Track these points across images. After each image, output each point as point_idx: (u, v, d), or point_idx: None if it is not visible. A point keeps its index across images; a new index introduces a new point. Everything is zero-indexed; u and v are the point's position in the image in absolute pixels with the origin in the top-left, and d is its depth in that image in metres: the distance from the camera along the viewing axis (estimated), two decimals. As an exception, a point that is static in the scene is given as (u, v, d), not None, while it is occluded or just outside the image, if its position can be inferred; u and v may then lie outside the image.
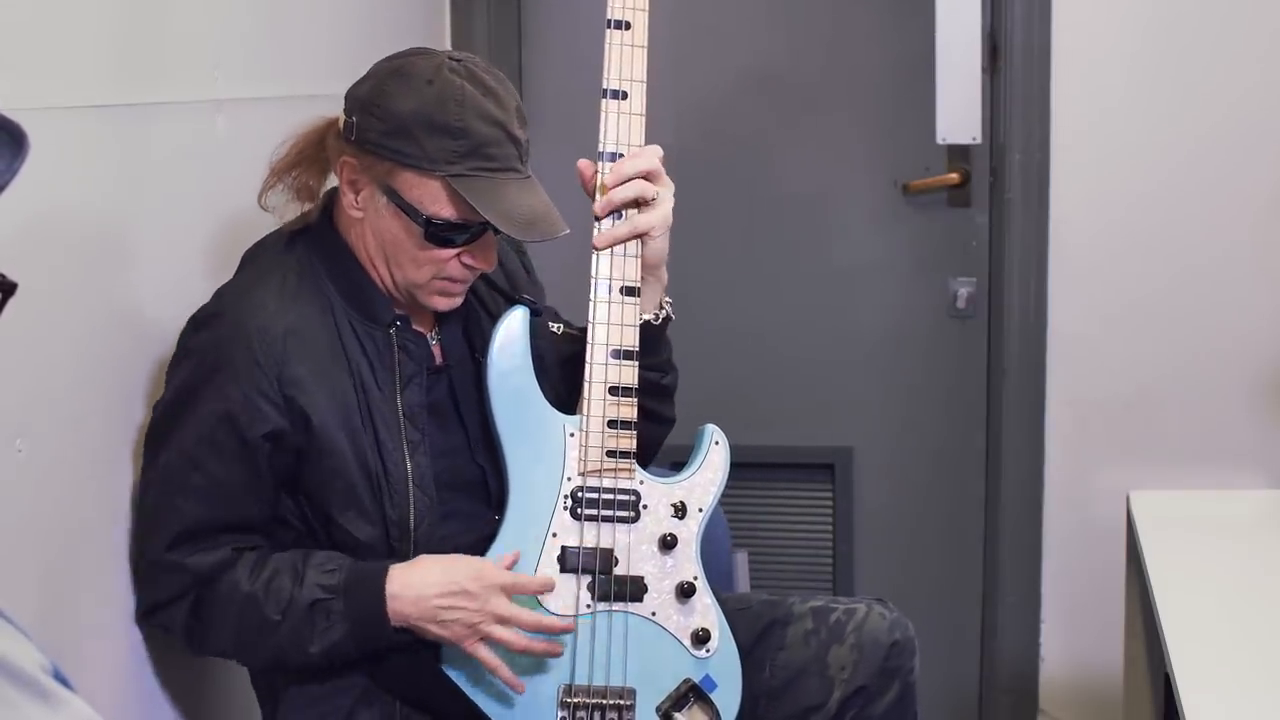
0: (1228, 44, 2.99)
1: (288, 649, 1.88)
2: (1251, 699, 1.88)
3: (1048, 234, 3.10)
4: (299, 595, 1.86)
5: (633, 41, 1.98)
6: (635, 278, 1.98)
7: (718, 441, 2.06)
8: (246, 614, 1.87)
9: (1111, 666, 2.89)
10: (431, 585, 1.86)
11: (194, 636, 1.92)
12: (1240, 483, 2.96)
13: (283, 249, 1.97)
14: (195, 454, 1.86)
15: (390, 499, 1.92)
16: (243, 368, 1.85)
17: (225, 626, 1.89)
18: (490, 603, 1.86)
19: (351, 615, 1.86)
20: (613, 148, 1.97)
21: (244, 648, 1.92)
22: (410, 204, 1.87)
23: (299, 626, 1.86)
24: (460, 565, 1.89)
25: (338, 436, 1.89)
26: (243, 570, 1.88)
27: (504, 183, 1.87)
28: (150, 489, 1.90)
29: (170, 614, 1.91)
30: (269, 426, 1.86)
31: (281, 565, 1.89)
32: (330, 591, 1.86)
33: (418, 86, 1.85)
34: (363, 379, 1.92)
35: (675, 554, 1.99)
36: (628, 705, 1.96)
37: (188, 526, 1.87)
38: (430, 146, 1.84)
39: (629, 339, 1.98)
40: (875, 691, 2.08)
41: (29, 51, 1.65)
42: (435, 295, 1.95)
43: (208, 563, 1.88)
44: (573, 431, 1.97)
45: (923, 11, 3.10)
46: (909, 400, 3.30)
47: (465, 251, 1.91)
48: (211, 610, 1.88)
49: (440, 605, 1.86)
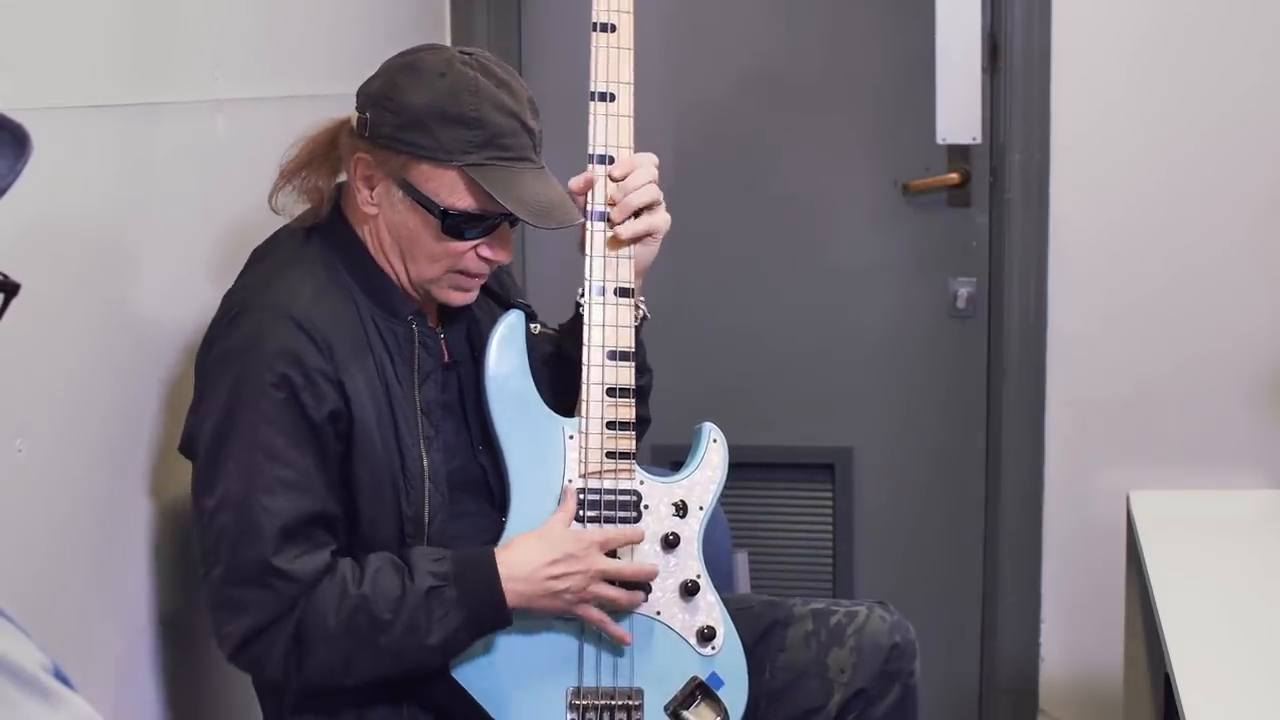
0: (1228, 44, 2.99)
1: (402, 648, 1.84)
2: (1251, 699, 1.88)
3: (1048, 234, 3.10)
4: (411, 588, 1.83)
5: (618, 44, 1.99)
6: (629, 279, 1.99)
7: (716, 439, 2.06)
8: (356, 618, 1.82)
9: (1111, 666, 2.89)
10: (538, 557, 1.88)
11: (296, 659, 1.83)
12: (1240, 483, 2.96)
13: (300, 244, 1.96)
14: (269, 446, 1.81)
15: (407, 495, 1.91)
16: (298, 349, 1.83)
17: (332, 639, 1.82)
18: (596, 561, 1.90)
19: (467, 602, 1.85)
20: (602, 150, 1.99)
21: (354, 657, 1.84)
22: (427, 196, 1.87)
23: (415, 620, 1.83)
24: (555, 533, 1.91)
25: (372, 428, 1.88)
26: (343, 574, 1.83)
27: (520, 172, 1.87)
28: (230, 501, 1.81)
29: (272, 637, 1.82)
30: (331, 406, 1.84)
31: (382, 564, 1.85)
32: (442, 579, 1.85)
33: (430, 80, 1.86)
34: (385, 373, 1.91)
35: (678, 553, 1.99)
36: (636, 705, 1.97)
37: (286, 522, 1.81)
38: (445, 137, 1.84)
39: (625, 340, 1.98)
40: (875, 694, 2.08)
41: (29, 51, 1.65)
42: (450, 290, 1.95)
43: (311, 568, 1.81)
44: (572, 434, 1.97)
45: (923, 11, 3.10)
46: (909, 400, 3.29)
47: (482, 244, 1.91)
48: (316, 625, 1.81)
49: (552, 574, 1.88)
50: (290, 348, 1.83)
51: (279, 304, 1.86)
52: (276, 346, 1.83)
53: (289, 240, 1.98)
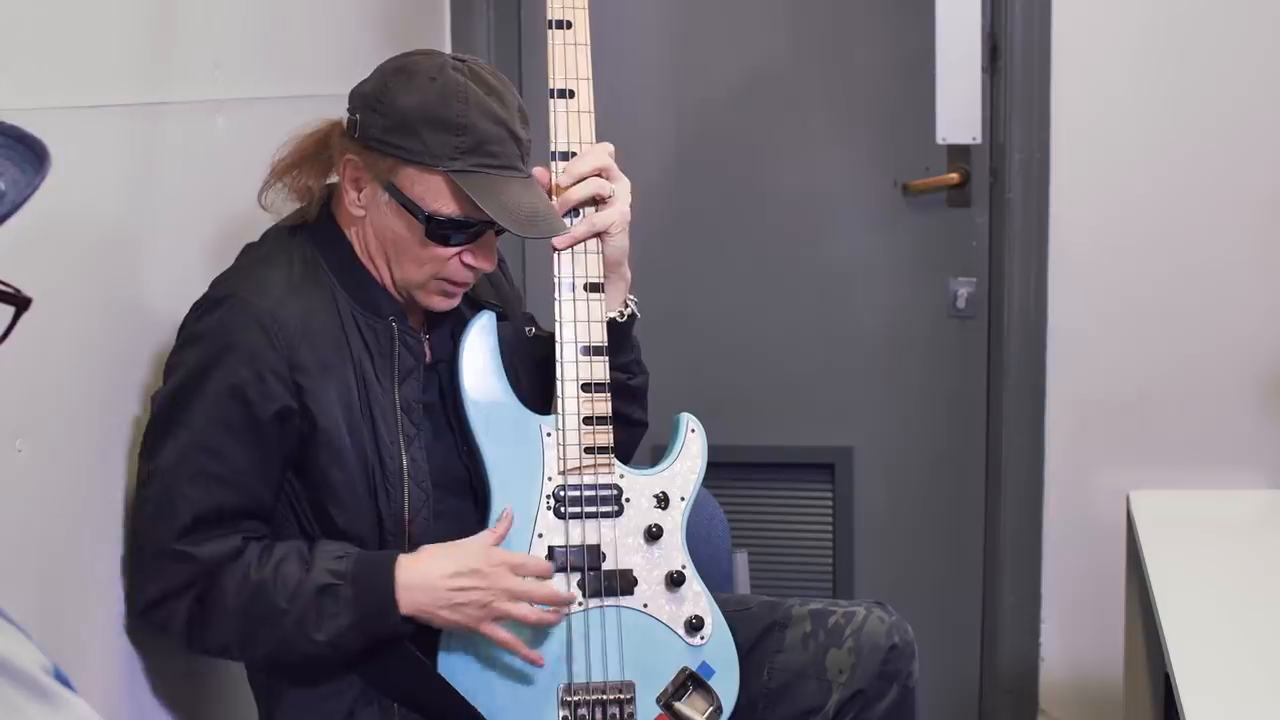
0: (1228, 44, 2.99)
1: (293, 637, 1.86)
2: (1251, 699, 1.89)
3: (1048, 234, 3.10)
4: (307, 581, 1.84)
5: (575, 40, 2.01)
6: (598, 274, 2.00)
7: (694, 429, 2.07)
8: (254, 602, 1.85)
9: (1111, 666, 2.89)
10: (441, 569, 1.87)
11: (195, 631, 1.88)
12: (1240, 483, 2.96)
13: (285, 240, 1.97)
14: (206, 437, 1.84)
15: (386, 493, 1.92)
16: (254, 347, 1.85)
17: (231, 616, 1.86)
18: (502, 580, 1.88)
19: (360, 602, 1.85)
20: (564, 147, 2.00)
21: (248, 639, 1.88)
22: (412, 201, 1.87)
23: (306, 613, 1.84)
24: (467, 546, 1.90)
25: (340, 426, 1.89)
26: (250, 558, 1.86)
27: (506, 180, 1.87)
28: (156, 477, 1.87)
29: (173, 607, 1.87)
30: (279, 405, 1.85)
31: (289, 552, 1.87)
32: (339, 577, 1.85)
33: (421, 84, 1.86)
34: (363, 371, 1.92)
35: (662, 544, 2.00)
36: (628, 699, 1.97)
37: (199, 513, 1.84)
38: (433, 142, 1.84)
39: (597, 335, 1.99)
40: (873, 695, 2.08)
41: (30, 52, 1.65)
42: (435, 295, 1.95)
43: (217, 552, 1.85)
44: (549, 431, 1.98)
45: (923, 11, 3.10)
46: (909, 400, 3.29)
47: (466, 251, 1.91)
48: (217, 600, 1.85)
49: (453, 587, 1.86)
50: (247, 345, 1.85)
51: (247, 299, 1.87)
52: (234, 340, 1.85)
53: (273, 237, 1.99)
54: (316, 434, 1.88)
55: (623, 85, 2.02)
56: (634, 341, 2.11)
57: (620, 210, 2.01)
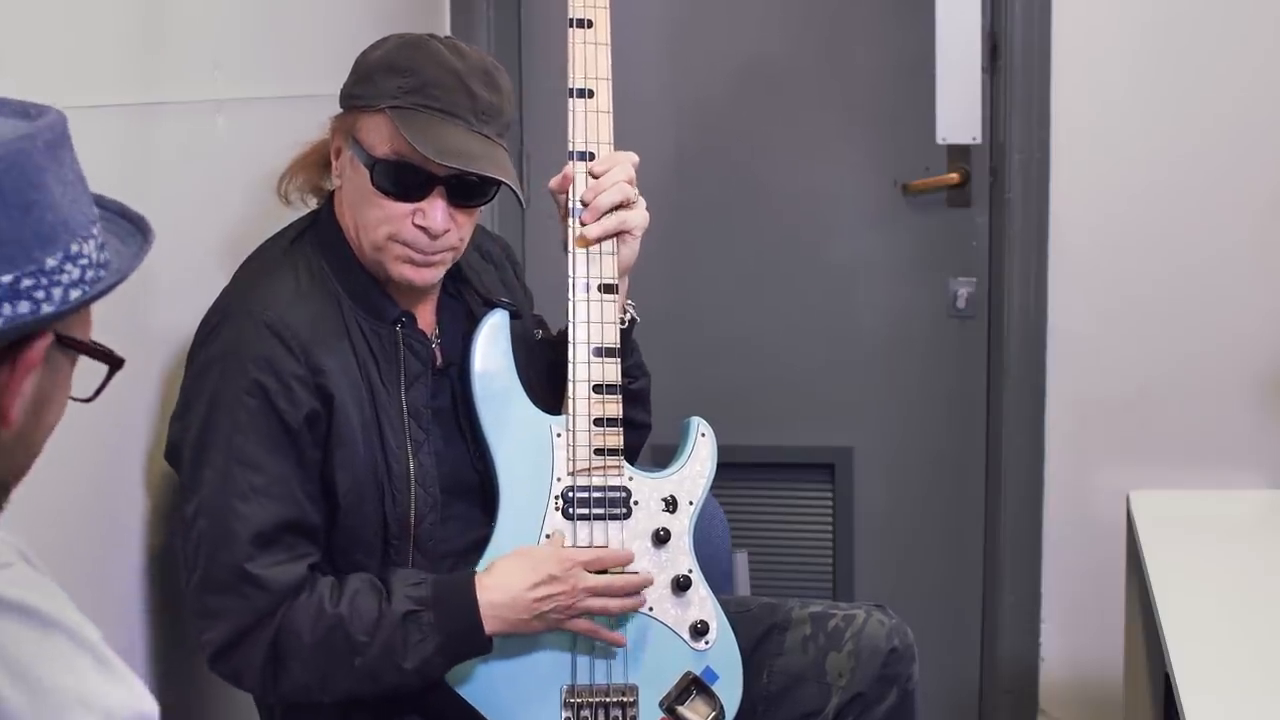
0: (1228, 44, 2.99)
1: (379, 670, 1.83)
2: (1251, 699, 1.89)
3: (1048, 234, 3.10)
4: (388, 611, 1.83)
5: (595, 39, 1.99)
6: (613, 275, 1.99)
7: (704, 433, 2.06)
8: (333, 637, 1.81)
9: (1111, 666, 2.89)
10: (520, 581, 1.87)
11: (269, 674, 1.83)
12: (1240, 483, 2.96)
13: (288, 246, 1.97)
14: (244, 453, 1.82)
15: (392, 497, 1.91)
16: (273, 355, 1.83)
17: (309, 656, 1.82)
18: (580, 580, 1.89)
19: (444, 627, 1.84)
20: (582, 146, 1.99)
21: (329, 677, 1.84)
22: (363, 149, 1.89)
23: (391, 643, 1.82)
24: (538, 554, 1.90)
25: (354, 432, 1.88)
26: (322, 592, 1.83)
27: (446, 122, 1.85)
28: (206, 507, 1.82)
29: (249, 648, 1.82)
30: (308, 409, 1.84)
31: (361, 586, 1.85)
32: (420, 603, 1.84)
33: (391, 42, 1.93)
34: (369, 376, 1.91)
35: (669, 548, 1.99)
36: (630, 702, 1.97)
37: (258, 529, 1.81)
38: (381, 85, 1.88)
39: (610, 336, 1.98)
40: (873, 698, 2.08)
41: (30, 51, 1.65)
42: (401, 264, 1.91)
43: (287, 579, 1.81)
44: (559, 432, 1.97)
45: (923, 11, 3.10)
46: (909, 400, 3.29)
47: (416, 210, 1.88)
48: (293, 641, 1.81)
49: (536, 597, 1.87)
50: (265, 354, 1.83)
51: (255, 311, 1.86)
52: (251, 354, 1.84)
53: (272, 248, 1.99)
54: (334, 437, 1.87)
55: (622, 85, 2.01)
56: (634, 344, 2.10)
57: (642, 215, 2.01)
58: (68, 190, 1.05)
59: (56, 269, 1.03)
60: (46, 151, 1.03)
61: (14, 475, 1.11)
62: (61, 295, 1.03)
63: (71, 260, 1.04)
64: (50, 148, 1.04)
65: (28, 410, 1.07)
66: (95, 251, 1.08)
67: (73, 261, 1.04)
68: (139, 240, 1.16)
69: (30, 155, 1.01)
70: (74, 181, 1.07)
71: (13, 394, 1.04)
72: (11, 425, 1.05)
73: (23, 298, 1.00)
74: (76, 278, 1.04)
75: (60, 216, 1.03)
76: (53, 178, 1.03)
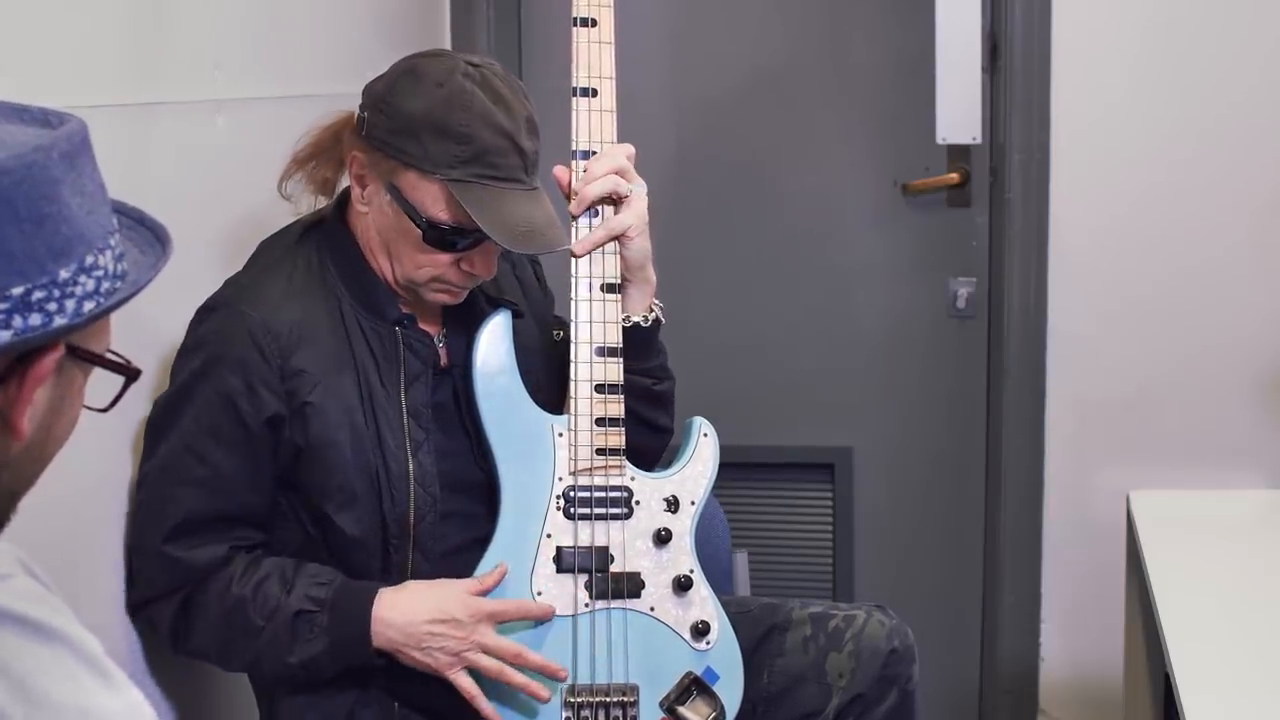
0: (1228, 44, 2.99)
1: (267, 657, 1.88)
2: (1251, 699, 1.89)
3: (1048, 234, 3.10)
4: (285, 604, 1.86)
5: (599, 38, 1.99)
6: (615, 274, 1.99)
7: (706, 433, 2.06)
8: (233, 616, 1.87)
9: (1111, 666, 2.89)
10: (422, 611, 1.88)
11: (178, 635, 1.91)
12: (1240, 483, 2.96)
13: (293, 243, 1.98)
14: (196, 443, 1.86)
15: (391, 497, 1.91)
16: (245, 357, 1.86)
17: (211, 627, 1.88)
18: (478, 632, 1.88)
19: (334, 631, 1.86)
20: (585, 145, 1.99)
21: (226, 650, 1.91)
22: (411, 204, 1.87)
23: (280, 635, 1.86)
24: (452, 594, 1.89)
25: (338, 432, 1.89)
26: (235, 570, 1.88)
27: (505, 192, 1.86)
28: (149, 479, 1.90)
29: (159, 609, 1.90)
30: (270, 413, 1.86)
31: (272, 570, 1.89)
32: (317, 605, 1.87)
33: (428, 88, 1.85)
34: (367, 376, 1.92)
35: (670, 548, 2.00)
36: (631, 701, 1.97)
37: (187, 517, 1.87)
38: (434, 149, 1.84)
39: (612, 336, 1.98)
40: (873, 699, 2.08)
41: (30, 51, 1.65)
42: (437, 294, 1.95)
43: (203, 558, 1.87)
44: (561, 431, 1.97)
45: (923, 11, 3.10)
46: (909, 400, 3.29)
47: (464, 258, 1.91)
48: (200, 609, 1.88)
49: (428, 632, 1.87)
50: (238, 355, 1.86)
51: (242, 309, 1.89)
52: (225, 349, 1.87)
53: (284, 239, 2.00)
54: (312, 440, 1.88)
55: (622, 85, 2.01)
56: (660, 346, 2.09)
57: (637, 212, 1.99)
58: (85, 201, 1.04)
59: (70, 281, 1.02)
60: (63, 162, 1.02)
61: (22, 485, 1.11)
62: (75, 308, 1.02)
63: (86, 272, 1.03)
64: (67, 158, 1.02)
65: (39, 422, 1.07)
66: (112, 263, 1.07)
67: (87, 273, 1.03)
68: (158, 250, 1.15)
69: (46, 168, 1.00)
70: (93, 192, 1.06)
71: (23, 406, 1.04)
72: (22, 437, 1.05)
73: (34, 310, 1.00)
74: (91, 289, 1.04)
75: (76, 229, 1.02)
76: (69, 189, 1.02)
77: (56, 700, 0.98)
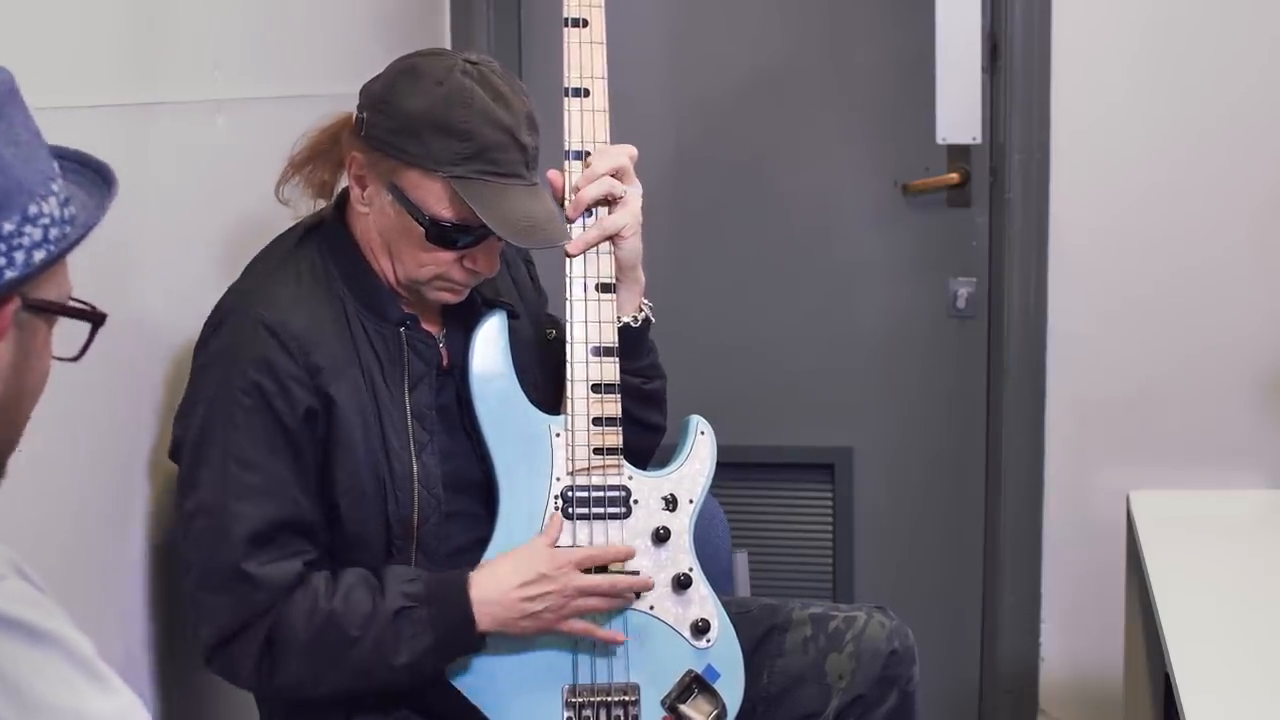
0: (1228, 44, 2.99)
1: (372, 665, 1.84)
2: (1251, 699, 1.88)
3: (1048, 234, 3.10)
4: (381, 607, 1.84)
5: (591, 38, 1.99)
6: (610, 274, 1.99)
7: (703, 431, 2.06)
8: (325, 633, 1.83)
9: (1111, 666, 2.89)
10: (511, 580, 1.88)
11: (263, 670, 1.85)
12: (1240, 483, 2.96)
13: (293, 247, 1.97)
14: (242, 453, 1.83)
15: (395, 498, 1.91)
16: (270, 356, 1.84)
17: (301, 652, 1.84)
18: (571, 579, 1.89)
19: (438, 623, 1.85)
20: (578, 146, 1.99)
21: (322, 671, 1.86)
22: (413, 203, 1.87)
23: (384, 638, 1.84)
24: (529, 554, 1.91)
25: (354, 432, 1.89)
26: (317, 587, 1.84)
27: (507, 188, 1.86)
28: (205, 506, 1.84)
29: (242, 646, 1.84)
30: (305, 408, 1.85)
31: (355, 581, 1.86)
32: (414, 600, 1.85)
33: (427, 87, 1.85)
34: (372, 378, 1.92)
35: (669, 546, 2.00)
36: (632, 701, 1.97)
37: (255, 529, 1.82)
38: (435, 147, 1.84)
39: (608, 335, 1.98)
40: (873, 700, 2.08)
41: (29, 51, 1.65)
42: (439, 292, 1.95)
43: (279, 576, 1.83)
44: (558, 431, 1.97)
45: (923, 11, 3.10)
46: (909, 400, 3.29)
47: (467, 255, 1.91)
48: (286, 635, 1.83)
49: (524, 596, 1.88)
50: (262, 354, 1.84)
51: (254, 311, 1.87)
52: (249, 354, 1.85)
53: (283, 244, 1.99)
54: (333, 436, 1.88)
55: (621, 85, 2.01)
56: (650, 345, 2.10)
57: (632, 211, 1.99)
58: (20, 150, 1.02)
59: (15, 233, 1.00)
60: None
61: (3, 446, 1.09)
62: (25, 259, 1.01)
63: (31, 221, 1.01)
64: None
65: (4, 378, 1.04)
66: (58, 208, 1.05)
67: (32, 223, 1.02)
68: (103, 189, 1.12)
69: None
70: (27, 140, 1.04)
71: None
72: None
73: None
74: (39, 238, 1.02)
75: (13, 179, 1.01)
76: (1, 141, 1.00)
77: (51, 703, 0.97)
